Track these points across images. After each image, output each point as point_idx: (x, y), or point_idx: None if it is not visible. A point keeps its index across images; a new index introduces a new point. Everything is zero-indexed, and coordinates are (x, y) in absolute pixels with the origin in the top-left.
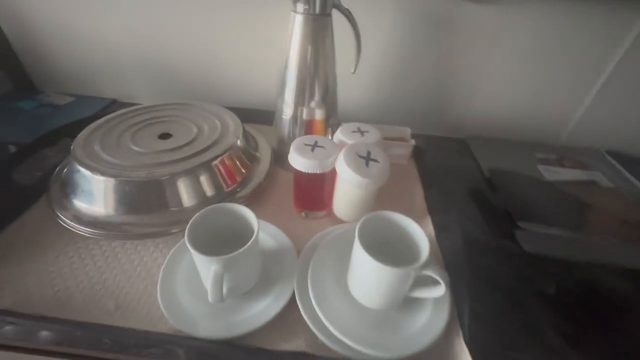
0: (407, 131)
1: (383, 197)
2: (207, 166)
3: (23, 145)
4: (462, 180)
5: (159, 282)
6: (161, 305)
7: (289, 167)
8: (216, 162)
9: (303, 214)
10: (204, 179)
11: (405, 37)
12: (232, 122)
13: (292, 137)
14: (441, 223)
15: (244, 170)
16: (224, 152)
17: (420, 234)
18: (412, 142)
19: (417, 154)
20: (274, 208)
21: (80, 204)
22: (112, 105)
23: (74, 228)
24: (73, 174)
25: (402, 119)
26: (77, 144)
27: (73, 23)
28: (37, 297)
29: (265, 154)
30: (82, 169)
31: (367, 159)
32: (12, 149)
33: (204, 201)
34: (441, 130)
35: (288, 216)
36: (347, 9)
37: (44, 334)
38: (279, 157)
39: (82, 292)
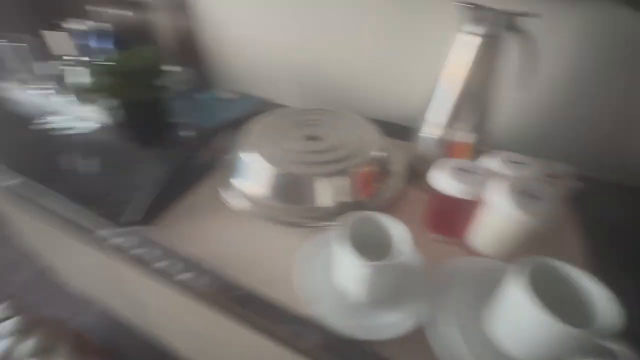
0: (566, 169)
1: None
2: (346, 173)
3: (208, 130)
4: (638, 242)
5: (296, 269)
6: (299, 290)
7: (422, 187)
8: (355, 170)
9: (435, 237)
10: (342, 185)
11: (581, 59)
12: (373, 134)
13: (433, 157)
14: None
15: (378, 183)
16: (363, 163)
17: (604, 296)
18: (573, 183)
19: (577, 199)
20: None
21: (242, 184)
22: (265, 104)
23: (233, 203)
24: (239, 159)
25: (559, 154)
26: (245, 134)
27: (245, 33)
28: (216, 251)
29: (399, 170)
30: (248, 155)
31: (531, 195)
32: (195, 131)
33: (338, 205)
34: (612, 173)
35: (415, 238)
36: (527, 31)
37: (210, 282)
38: (414, 175)
39: (238, 255)
